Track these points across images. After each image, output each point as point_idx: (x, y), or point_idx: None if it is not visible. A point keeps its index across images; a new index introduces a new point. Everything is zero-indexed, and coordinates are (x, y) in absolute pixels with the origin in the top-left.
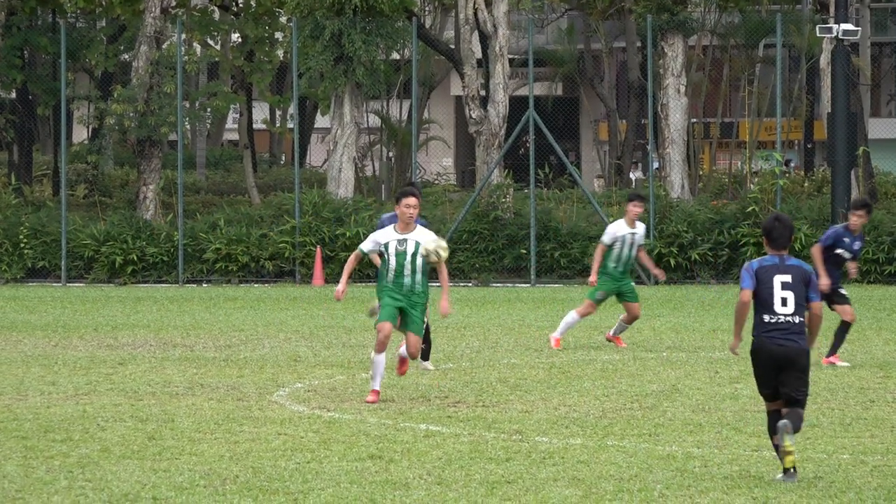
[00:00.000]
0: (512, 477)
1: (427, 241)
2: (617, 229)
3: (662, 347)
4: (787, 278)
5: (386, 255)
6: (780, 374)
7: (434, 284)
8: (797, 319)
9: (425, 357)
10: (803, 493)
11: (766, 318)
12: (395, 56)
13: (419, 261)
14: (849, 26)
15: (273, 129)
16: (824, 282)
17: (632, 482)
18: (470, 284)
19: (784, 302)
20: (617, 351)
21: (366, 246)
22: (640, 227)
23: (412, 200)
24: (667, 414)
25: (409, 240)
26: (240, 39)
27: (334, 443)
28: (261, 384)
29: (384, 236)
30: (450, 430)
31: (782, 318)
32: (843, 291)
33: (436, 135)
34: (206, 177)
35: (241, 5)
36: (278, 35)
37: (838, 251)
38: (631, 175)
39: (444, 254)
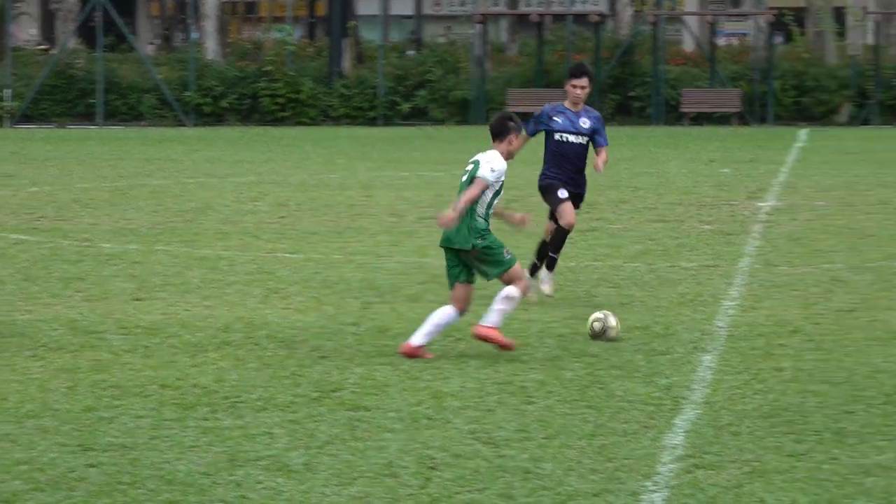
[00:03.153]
0: (83, 274)
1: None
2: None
3: (199, 174)
4: None
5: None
6: None
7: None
8: None
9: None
10: (306, 285)
11: None
12: None
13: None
14: None
15: None
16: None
17: (175, 277)
18: (52, 126)
19: None
20: (165, 177)
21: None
22: None
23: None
24: (202, 225)
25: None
26: None
27: None
28: None
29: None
30: (34, 238)
31: None
32: None
33: (24, 10)
34: None
35: None
36: None
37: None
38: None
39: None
